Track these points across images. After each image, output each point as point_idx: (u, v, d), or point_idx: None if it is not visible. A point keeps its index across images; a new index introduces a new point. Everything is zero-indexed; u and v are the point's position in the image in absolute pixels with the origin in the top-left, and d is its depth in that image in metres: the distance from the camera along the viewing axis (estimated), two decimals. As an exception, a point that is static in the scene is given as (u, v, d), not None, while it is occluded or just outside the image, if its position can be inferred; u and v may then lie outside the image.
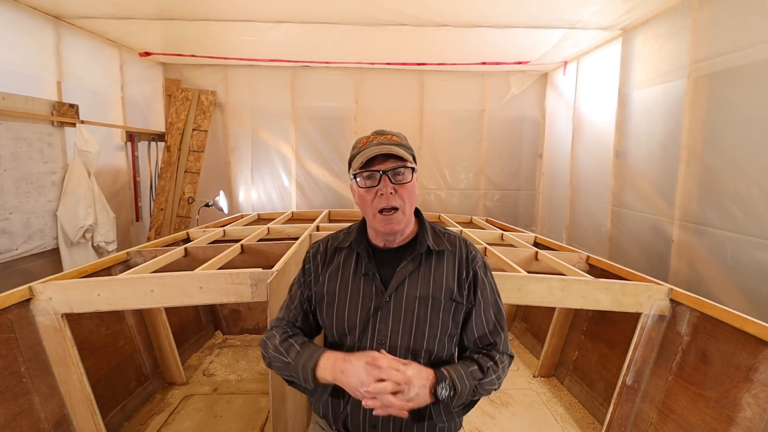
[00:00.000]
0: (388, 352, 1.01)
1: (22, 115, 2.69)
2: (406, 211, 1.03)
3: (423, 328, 1.03)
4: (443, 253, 1.09)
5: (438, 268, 1.08)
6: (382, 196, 1.01)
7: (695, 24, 2.51)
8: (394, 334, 1.03)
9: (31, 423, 1.62)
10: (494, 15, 3.06)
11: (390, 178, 1.01)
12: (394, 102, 4.81)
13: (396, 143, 1.04)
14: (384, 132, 1.08)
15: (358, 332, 1.04)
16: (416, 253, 1.07)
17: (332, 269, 1.11)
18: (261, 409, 2.35)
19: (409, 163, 1.03)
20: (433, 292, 1.05)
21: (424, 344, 1.03)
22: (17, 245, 2.70)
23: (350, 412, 1.04)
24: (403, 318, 1.03)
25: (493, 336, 1.09)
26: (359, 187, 1.04)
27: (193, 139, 4.46)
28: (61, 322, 1.72)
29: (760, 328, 1.48)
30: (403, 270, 1.05)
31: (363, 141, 1.08)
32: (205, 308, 3.32)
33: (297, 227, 3.32)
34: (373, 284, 1.06)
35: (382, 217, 1.02)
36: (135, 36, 3.71)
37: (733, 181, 2.24)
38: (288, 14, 3.13)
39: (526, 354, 3.10)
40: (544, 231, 4.72)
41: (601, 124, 3.56)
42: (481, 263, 1.11)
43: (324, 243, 1.18)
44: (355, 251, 1.11)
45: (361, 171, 1.02)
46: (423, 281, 1.05)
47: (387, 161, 1.01)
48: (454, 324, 1.06)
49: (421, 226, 1.13)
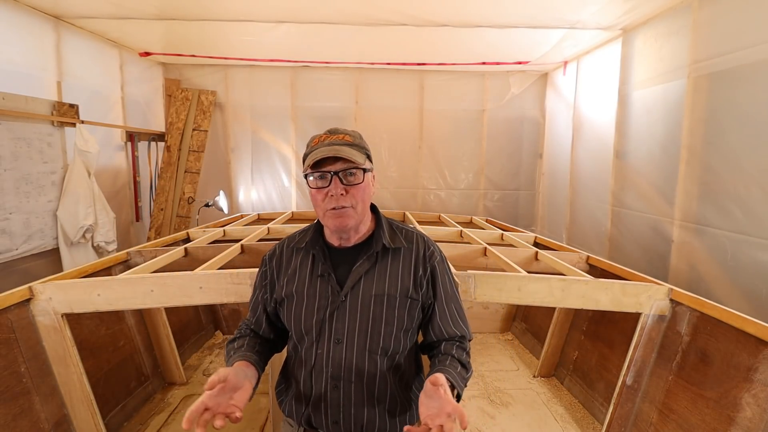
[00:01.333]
0: (344, 350, 1.03)
1: (22, 115, 2.69)
2: (357, 208, 1.03)
3: (379, 326, 1.04)
4: (399, 250, 1.10)
5: (394, 265, 1.08)
6: (332, 197, 1.01)
7: (695, 24, 2.51)
8: (351, 333, 1.03)
9: (31, 423, 1.62)
10: (494, 15, 3.06)
11: (341, 179, 1.01)
12: (394, 102, 4.81)
13: (347, 143, 1.03)
14: (337, 131, 1.06)
15: (315, 333, 1.05)
16: (372, 251, 1.07)
17: (290, 273, 1.12)
18: (261, 409, 2.35)
19: (359, 165, 1.02)
20: (388, 290, 1.05)
21: (380, 342, 1.04)
22: (17, 245, 2.70)
23: (312, 413, 1.06)
24: (359, 317, 1.04)
25: (461, 327, 1.12)
26: (310, 187, 1.04)
27: (193, 139, 4.46)
28: (61, 322, 1.72)
29: (760, 328, 1.48)
30: (358, 269, 1.06)
31: (316, 140, 1.07)
32: (205, 308, 3.32)
33: (297, 227, 3.31)
34: (329, 284, 1.06)
35: (332, 212, 1.02)
36: (135, 36, 3.71)
37: (733, 181, 2.24)
38: (288, 14, 3.13)
39: (526, 354, 3.10)
40: (544, 231, 4.72)
41: (601, 124, 3.56)
42: (439, 258, 1.13)
43: (280, 246, 1.19)
44: (311, 252, 1.11)
45: (312, 171, 1.02)
46: (378, 279, 1.06)
47: (338, 162, 1.01)
48: (409, 319, 1.07)
49: (378, 223, 1.12)
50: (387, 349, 1.05)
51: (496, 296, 1.86)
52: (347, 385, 1.04)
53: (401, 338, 1.07)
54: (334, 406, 1.04)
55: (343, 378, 1.03)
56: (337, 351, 1.03)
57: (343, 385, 1.04)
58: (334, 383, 1.04)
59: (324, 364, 1.04)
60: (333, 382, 1.04)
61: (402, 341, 1.08)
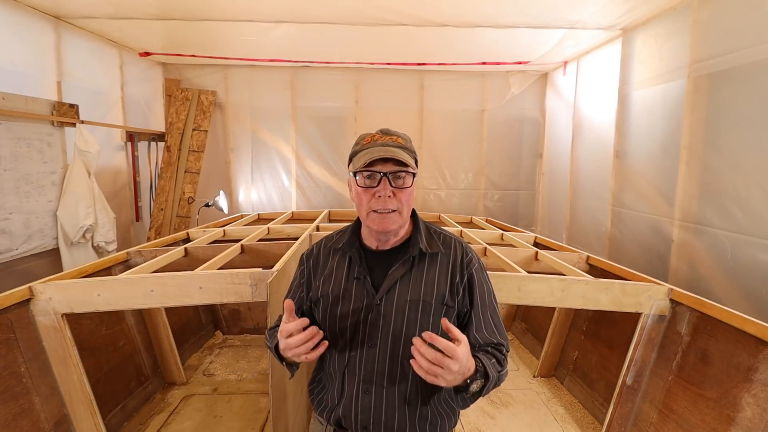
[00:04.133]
0: (377, 355, 1.02)
1: (22, 115, 2.69)
2: (403, 213, 1.03)
3: (413, 332, 1.02)
4: (436, 255, 1.08)
5: (430, 271, 1.06)
6: (380, 198, 1.00)
7: (695, 24, 2.51)
8: (384, 337, 1.02)
9: (31, 423, 1.62)
10: (494, 15, 3.05)
11: (390, 181, 1.00)
12: (394, 102, 4.80)
13: (401, 146, 1.03)
14: (390, 132, 1.06)
15: (348, 335, 1.04)
16: (408, 255, 1.06)
17: (326, 273, 1.11)
18: (261, 409, 2.35)
19: (410, 168, 1.02)
20: (423, 296, 1.04)
21: None
22: (17, 245, 2.70)
23: (342, 415, 1.05)
24: (393, 321, 1.03)
25: (498, 336, 1.09)
26: (358, 185, 1.03)
27: (193, 139, 4.46)
28: (61, 322, 1.72)
29: (760, 328, 1.48)
30: (394, 273, 1.04)
31: (368, 138, 1.06)
32: (205, 308, 3.32)
33: (297, 227, 3.32)
34: (365, 287, 1.05)
35: (377, 215, 1.01)
36: (135, 36, 3.71)
37: (733, 181, 2.24)
38: (288, 14, 3.13)
39: (526, 354, 3.10)
40: (544, 231, 4.72)
41: (601, 124, 3.56)
42: (477, 266, 1.10)
43: (318, 246, 1.17)
44: (347, 254, 1.10)
45: (362, 170, 1.01)
46: (414, 285, 1.04)
47: (389, 163, 1.00)
48: None
49: (416, 227, 1.11)
50: None
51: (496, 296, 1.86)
52: (378, 390, 1.02)
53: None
54: (365, 411, 1.03)
55: (375, 383, 1.02)
56: (370, 355, 1.02)
57: (374, 389, 1.02)
58: (366, 387, 1.03)
59: (356, 368, 1.03)
60: (365, 386, 1.03)
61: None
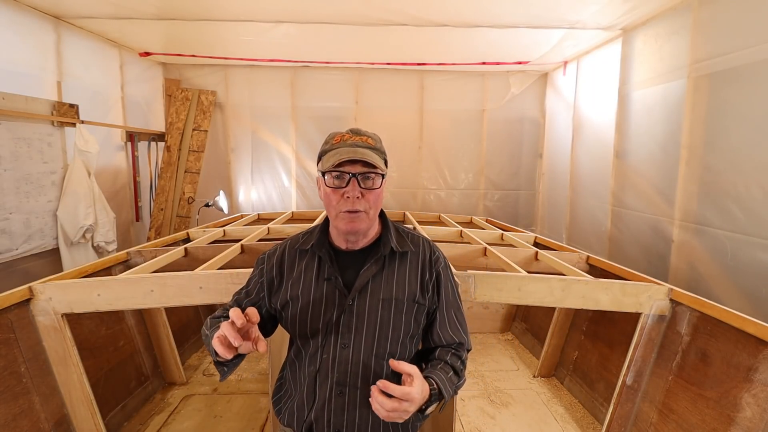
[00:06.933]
0: (351, 356, 1.01)
1: (22, 115, 2.69)
2: (370, 214, 1.03)
3: (386, 331, 1.02)
4: (406, 254, 1.09)
5: (401, 269, 1.07)
6: (348, 199, 0.99)
7: (695, 24, 2.51)
8: (358, 337, 1.02)
9: (31, 423, 1.62)
10: (494, 15, 3.06)
11: (359, 181, 1.00)
12: (394, 102, 4.81)
13: (370, 147, 1.02)
14: (360, 132, 1.05)
15: (321, 337, 1.03)
16: (380, 254, 1.05)
17: (294, 276, 1.09)
18: (261, 409, 2.35)
19: (379, 170, 1.01)
20: (396, 294, 1.04)
21: (387, 347, 1.03)
22: (17, 245, 2.70)
23: (314, 420, 1.03)
24: (367, 321, 1.02)
25: (460, 335, 1.10)
26: (326, 185, 1.02)
27: (193, 139, 4.46)
28: (61, 322, 1.72)
29: (760, 328, 1.48)
30: (366, 272, 1.04)
31: (337, 138, 1.05)
32: (205, 308, 3.32)
33: (297, 227, 3.32)
34: (336, 288, 1.04)
35: (345, 215, 1.00)
36: (135, 36, 3.71)
37: (733, 181, 2.24)
38: (288, 14, 3.13)
39: (526, 354, 3.10)
40: (544, 231, 4.72)
41: (601, 124, 3.56)
42: (443, 264, 1.12)
43: (282, 247, 1.15)
44: (317, 255, 1.08)
45: (330, 170, 1.00)
46: (386, 283, 1.05)
47: (358, 164, 0.99)
48: (416, 325, 1.07)
49: (385, 227, 1.11)
50: (393, 354, 1.04)
51: (496, 296, 1.86)
52: (353, 391, 1.02)
53: (407, 344, 1.06)
54: (338, 413, 1.02)
55: (349, 384, 1.02)
56: (344, 356, 1.02)
57: (348, 390, 1.02)
58: (340, 389, 1.02)
59: (330, 370, 1.02)
60: (338, 388, 1.02)
61: (408, 347, 1.07)
